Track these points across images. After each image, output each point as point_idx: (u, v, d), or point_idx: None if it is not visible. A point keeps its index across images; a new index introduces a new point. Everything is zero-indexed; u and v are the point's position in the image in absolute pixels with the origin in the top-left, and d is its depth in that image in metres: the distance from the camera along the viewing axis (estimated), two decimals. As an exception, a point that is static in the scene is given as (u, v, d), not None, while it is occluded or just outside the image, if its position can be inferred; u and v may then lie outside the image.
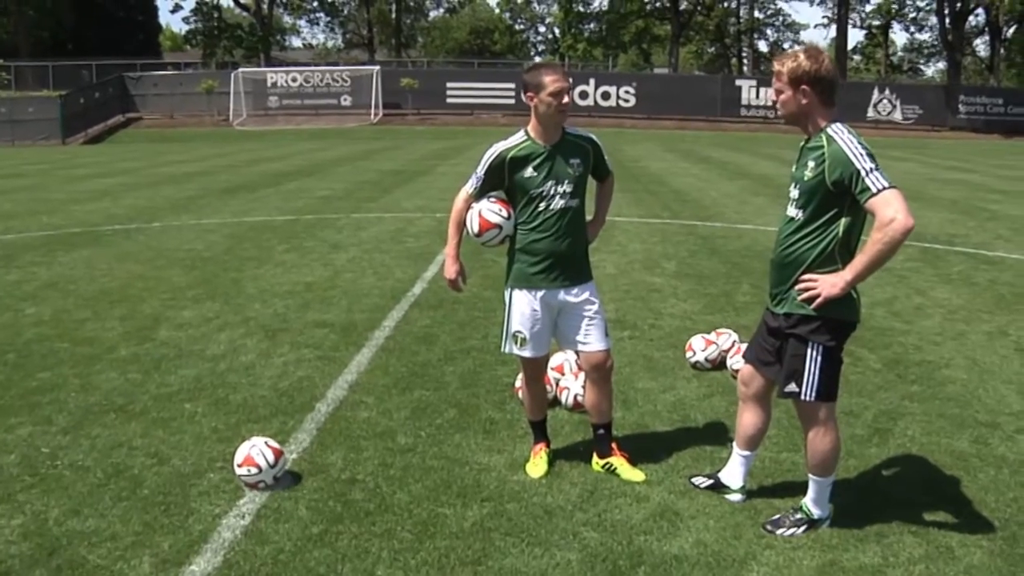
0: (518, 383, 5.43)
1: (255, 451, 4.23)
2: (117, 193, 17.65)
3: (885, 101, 49.93)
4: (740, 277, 9.48)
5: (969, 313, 8.08)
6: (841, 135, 3.57)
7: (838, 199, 3.56)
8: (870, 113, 49.54)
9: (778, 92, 3.70)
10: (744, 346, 6.05)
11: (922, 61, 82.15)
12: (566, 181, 4.20)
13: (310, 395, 5.65)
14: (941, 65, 78.07)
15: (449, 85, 49.92)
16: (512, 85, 49.23)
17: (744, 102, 50.03)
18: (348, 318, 7.55)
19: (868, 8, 71.50)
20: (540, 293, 4.28)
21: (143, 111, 48.24)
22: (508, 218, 4.26)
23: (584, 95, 48.83)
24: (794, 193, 3.73)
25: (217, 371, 6.15)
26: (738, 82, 52.58)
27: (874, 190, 3.43)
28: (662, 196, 17.26)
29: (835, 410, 3.87)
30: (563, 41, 68.17)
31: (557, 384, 5.39)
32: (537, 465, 4.49)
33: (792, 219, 3.72)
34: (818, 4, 73.67)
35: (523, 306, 4.31)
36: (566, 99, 4.12)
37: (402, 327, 7.30)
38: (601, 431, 4.49)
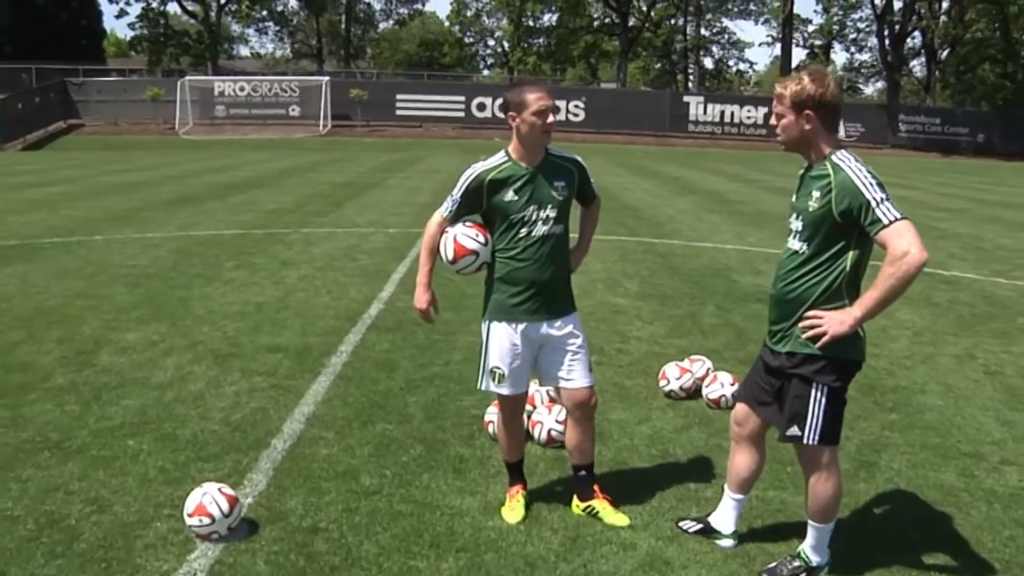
0: (487, 416, 5.14)
1: (207, 499, 3.85)
2: (56, 203, 16.95)
3: (830, 119, 50.61)
4: (704, 297, 9.29)
5: (935, 335, 7.98)
6: (848, 163, 3.34)
7: (846, 231, 3.33)
8: (816, 130, 50.10)
9: (779, 116, 3.46)
10: (720, 374, 5.85)
11: (861, 80, 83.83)
12: (549, 205, 3.92)
13: (265, 429, 5.28)
14: (879, 85, 79.89)
15: (399, 97, 49.81)
16: (462, 98, 49.50)
17: (692, 118, 50.68)
18: (302, 342, 7.17)
19: (811, 28, 72.88)
20: (521, 326, 3.99)
21: (86, 118, 47.08)
22: (485, 244, 3.96)
23: (534, 109, 48.88)
24: (796, 225, 3.49)
25: (163, 402, 5.74)
26: (686, 98, 53.23)
27: (886, 221, 3.21)
28: (617, 212, 17.09)
29: (838, 453, 3.63)
30: (512, 55, 68.26)
31: (529, 417, 5.07)
32: (514, 509, 4.17)
33: (795, 252, 3.48)
34: (763, 23, 74.68)
35: (502, 340, 4.01)
36: (551, 118, 3.85)
37: (360, 352, 6.95)
38: (583, 473, 4.20)
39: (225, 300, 8.65)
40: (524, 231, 3.91)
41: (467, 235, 3.96)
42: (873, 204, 3.23)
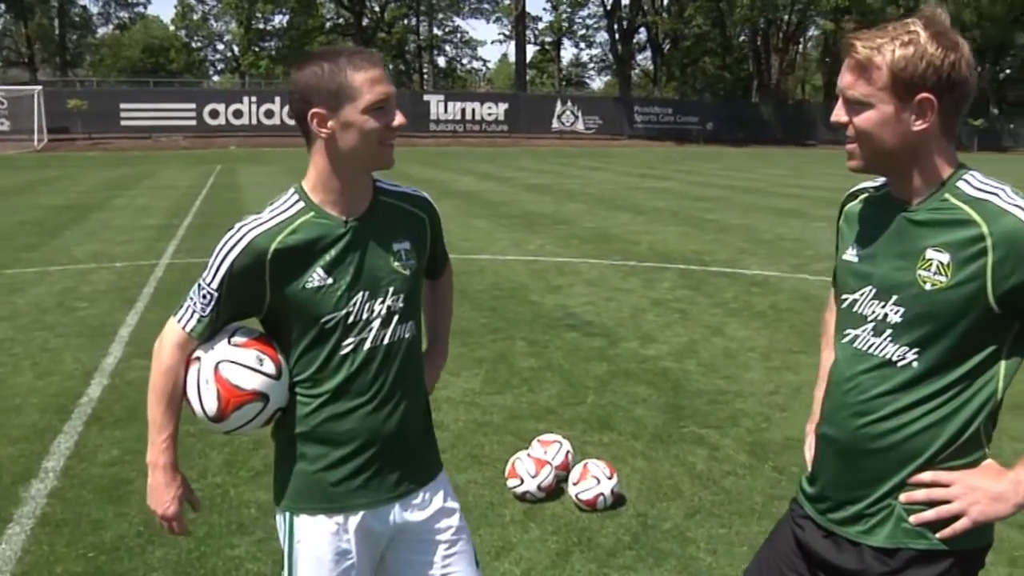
0: (281, 589, 3.35)
1: None
2: None
3: (568, 112, 52.56)
4: (508, 329, 7.85)
5: (784, 356, 7.01)
6: (1007, 196, 1.76)
7: (1001, 328, 1.79)
8: (555, 124, 51.77)
9: (856, 106, 1.80)
10: (591, 465, 4.36)
11: (589, 75, 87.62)
12: (390, 289, 2.13)
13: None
14: (606, 78, 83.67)
15: (123, 106, 46.35)
16: (193, 105, 47.35)
17: (433, 116, 51.24)
18: (-15, 462, 4.98)
19: (541, 26, 74.93)
20: (354, 518, 2.18)
21: None
22: (276, 376, 2.11)
23: (270, 114, 47.67)
24: (885, 312, 1.86)
25: None
26: (426, 97, 53.53)
27: None
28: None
29: None
30: (244, 59, 64.68)
31: None
32: None
33: (889, 363, 1.85)
34: (495, 21, 75.49)
35: (319, 547, 2.16)
36: (399, 119, 2.07)
37: (75, 469, 4.85)
38: None
39: None
40: (348, 343, 2.10)
41: (241, 364, 2.09)
42: None
